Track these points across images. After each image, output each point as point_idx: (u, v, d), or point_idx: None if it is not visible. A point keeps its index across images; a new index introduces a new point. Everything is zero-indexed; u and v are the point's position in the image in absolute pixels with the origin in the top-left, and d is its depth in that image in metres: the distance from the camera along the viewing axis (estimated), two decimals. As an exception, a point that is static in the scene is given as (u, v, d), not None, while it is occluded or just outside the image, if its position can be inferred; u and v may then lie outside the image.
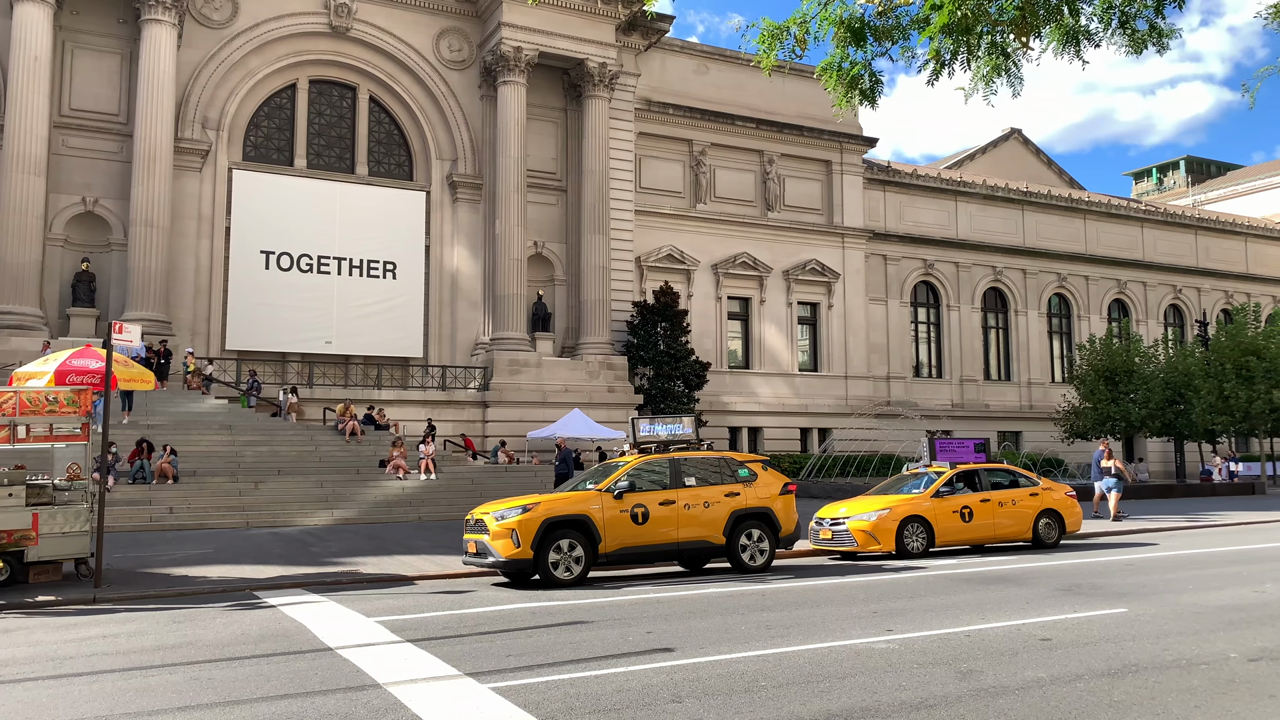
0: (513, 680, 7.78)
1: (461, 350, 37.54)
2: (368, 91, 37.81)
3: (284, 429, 29.94)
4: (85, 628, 10.80)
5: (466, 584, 14.39)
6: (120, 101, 33.46)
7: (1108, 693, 7.11)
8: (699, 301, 42.70)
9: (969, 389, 49.81)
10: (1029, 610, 10.97)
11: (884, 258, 48.69)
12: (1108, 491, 24.79)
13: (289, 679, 8.00)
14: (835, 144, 46.58)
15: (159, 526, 22.77)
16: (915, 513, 17.67)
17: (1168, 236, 58.45)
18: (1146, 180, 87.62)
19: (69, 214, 32.69)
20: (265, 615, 11.49)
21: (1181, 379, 43.45)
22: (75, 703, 7.35)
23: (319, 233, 35.94)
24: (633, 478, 14.99)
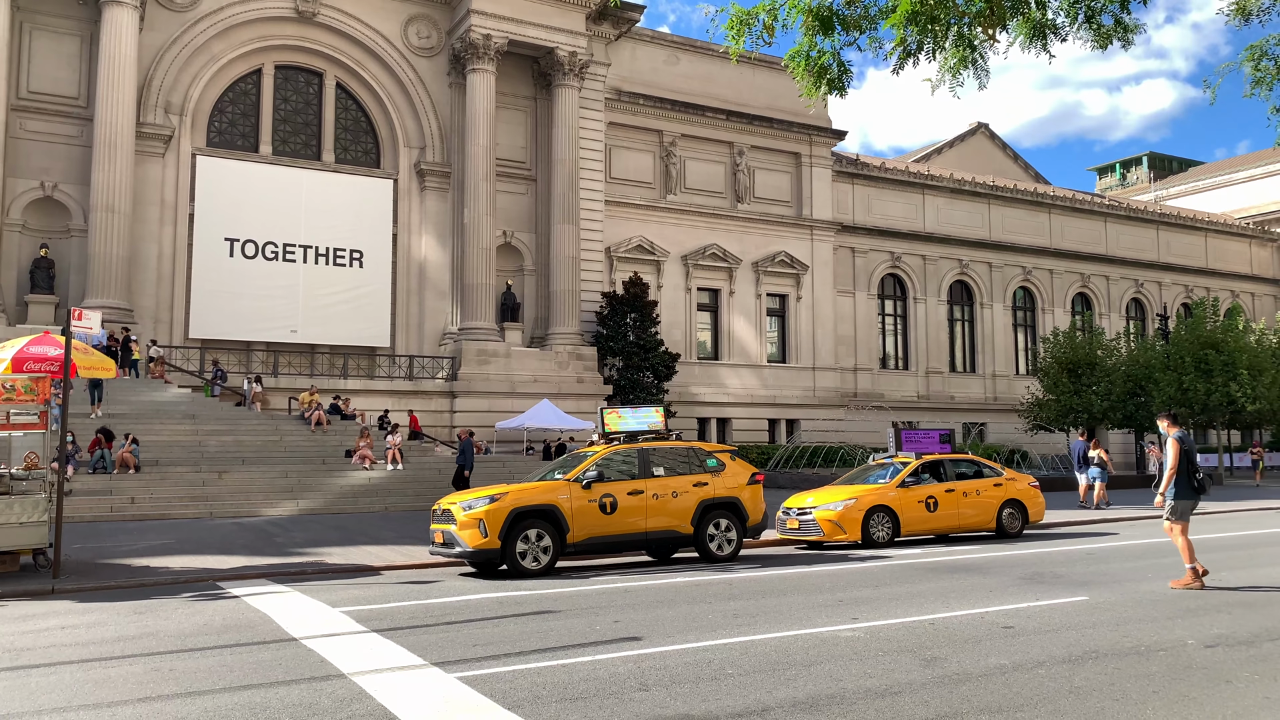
0: (479, 670, 7.74)
1: (429, 340, 37.29)
2: (334, 78, 37.38)
3: (248, 418, 29.61)
4: (43, 619, 10.62)
5: (433, 574, 14.31)
6: (80, 85, 32.83)
7: (1068, 679, 7.21)
8: (669, 293, 42.71)
9: (935, 381, 50.27)
10: (992, 598, 11.09)
11: (852, 250, 48.96)
12: (1094, 481, 25.61)
13: (252, 669, 7.92)
14: (805, 136, 46.73)
15: (120, 517, 22.45)
16: (881, 503, 17.81)
17: (1130, 231, 59.26)
18: (1110, 176, 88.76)
19: (27, 199, 32.06)
20: (229, 606, 11.36)
21: (1142, 372, 44.10)
22: (32, 694, 7.22)
23: (284, 220, 35.50)
24: (601, 468, 14.98)
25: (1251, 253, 64.45)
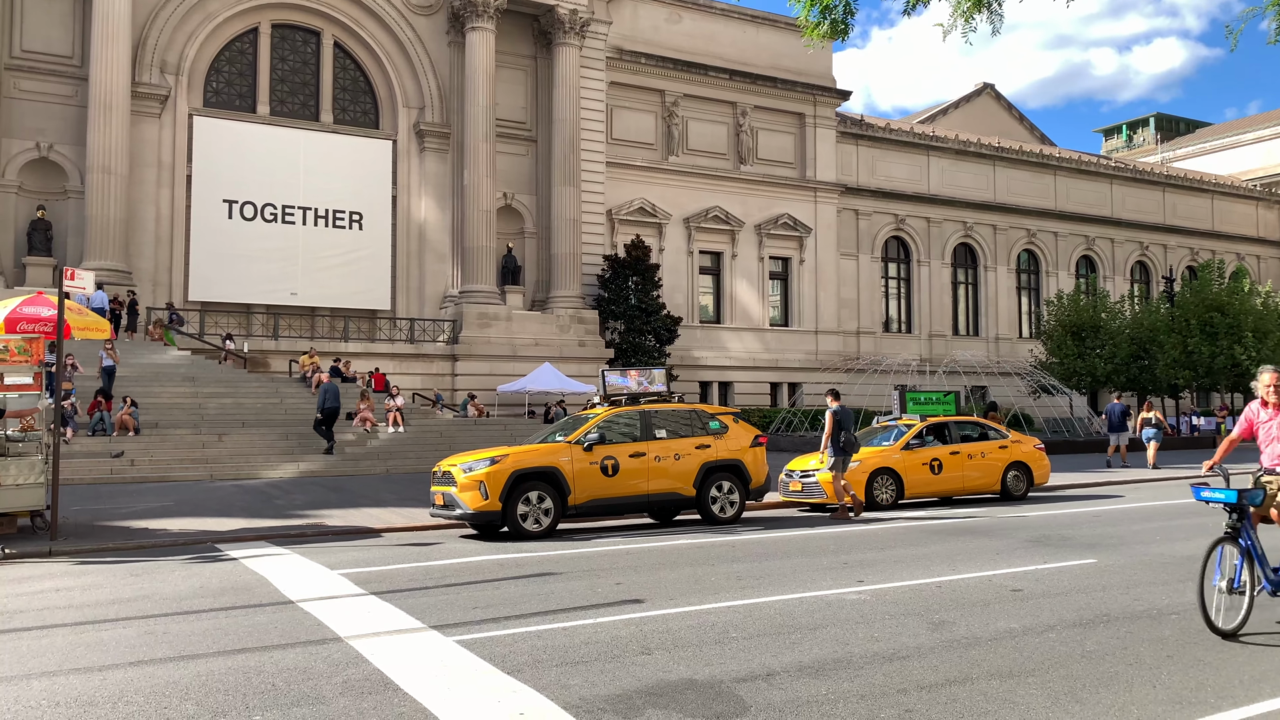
0: (478, 633, 7.61)
1: (430, 303, 37.04)
2: (332, 37, 36.81)
3: (248, 381, 29.47)
4: (38, 581, 10.51)
5: (434, 536, 14.20)
6: (74, 44, 32.33)
7: (1080, 643, 7.06)
8: (670, 255, 42.37)
9: (938, 344, 50.03)
10: (999, 561, 10.96)
11: (856, 212, 48.53)
12: (1147, 441, 26.96)
13: (247, 633, 7.79)
14: (809, 96, 46.11)
15: (119, 479, 22.36)
16: (885, 465, 17.67)
17: (1136, 193, 58.72)
18: (1116, 137, 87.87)
19: (22, 159, 31.69)
20: (226, 568, 11.25)
21: (1146, 335, 43.85)
22: (23, 657, 7.09)
23: (283, 182, 35.14)
24: (603, 430, 14.82)
25: (1258, 215, 63.91)
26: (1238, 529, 7.15)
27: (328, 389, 25.56)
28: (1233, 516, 7.17)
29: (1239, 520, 7.15)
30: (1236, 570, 7.17)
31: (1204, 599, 7.03)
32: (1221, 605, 7.12)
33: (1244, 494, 7.18)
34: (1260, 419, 7.76)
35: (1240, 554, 7.17)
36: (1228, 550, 7.21)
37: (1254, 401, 7.86)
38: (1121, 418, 27.76)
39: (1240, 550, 7.17)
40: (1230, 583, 7.15)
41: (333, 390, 25.63)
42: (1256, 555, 7.23)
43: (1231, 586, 7.14)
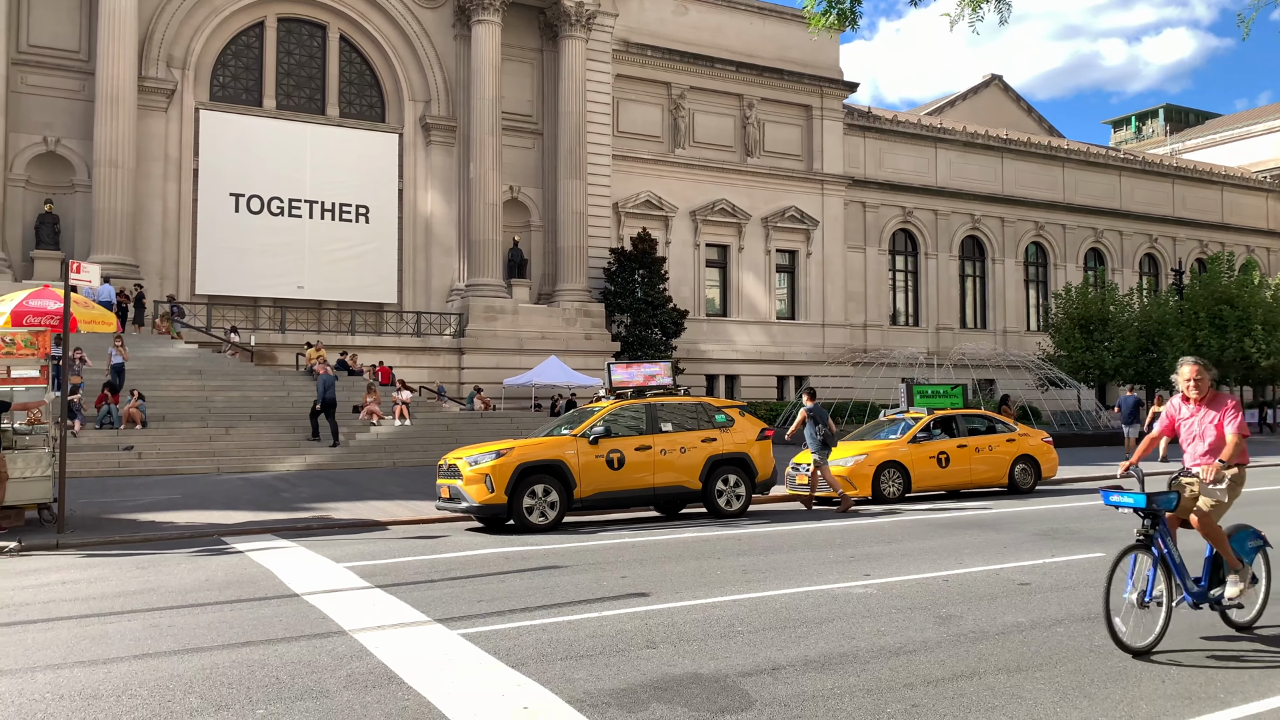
0: (483, 626, 7.59)
1: (436, 296, 37.04)
2: (338, 30, 36.77)
3: (255, 374, 29.50)
4: (45, 574, 10.52)
5: (440, 529, 14.20)
6: (81, 38, 32.35)
7: (1089, 637, 7.01)
8: (677, 249, 42.29)
9: (945, 337, 49.89)
10: (1007, 555, 10.90)
11: (863, 205, 48.37)
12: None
13: (252, 626, 7.78)
14: (816, 88, 45.95)
15: (126, 472, 22.41)
16: (892, 458, 17.62)
17: (1145, 185, 58.41)
18: (1125, 129, 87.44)
19: (30, 154, 31.74)
20: (232, 561, 11.25)
21: (1155, 328, 43.66)
22: (28, 650, 7.09)
23: (289, 175, 35.15)
24: (608, 423, 14.80)
25: (1269, 207, 63.53)
26: (1151, 536, 6.61)
27: (326, 380, 25.59)
28: (1146, 522, 6.64)
29: (1153, 526, 6.63)
30: (1149, 581, 6.58)
31: (1110, 613, 6.41)
32: (1131, 620, 6.52)
33: (1155, 498, 6.59)
34: (1181, 415, 7.16)
35: (1154, 563, 6.59)
36: (1140, 559, 6.64)
37: (1175, 397, 7.29)
38: (1134, 410, 27.83)
39: (1154, 559, 6.59)
40: (1141, 595, 6.55)
41: (331, 381, 25.67)
42: (1174, 565, 6.66)
43: (1143, 599, 6.54)
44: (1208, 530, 6.78)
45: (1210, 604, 6.89)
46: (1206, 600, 6.87)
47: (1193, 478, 6.89)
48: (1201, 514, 6.76)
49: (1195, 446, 7.02)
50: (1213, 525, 6.80)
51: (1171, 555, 6.64)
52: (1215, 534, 6.81)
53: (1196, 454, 6.99)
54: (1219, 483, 6.75)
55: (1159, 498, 6.60)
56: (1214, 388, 7.06)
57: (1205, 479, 6.73)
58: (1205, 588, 6.92)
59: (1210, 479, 6.70)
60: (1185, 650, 6.65)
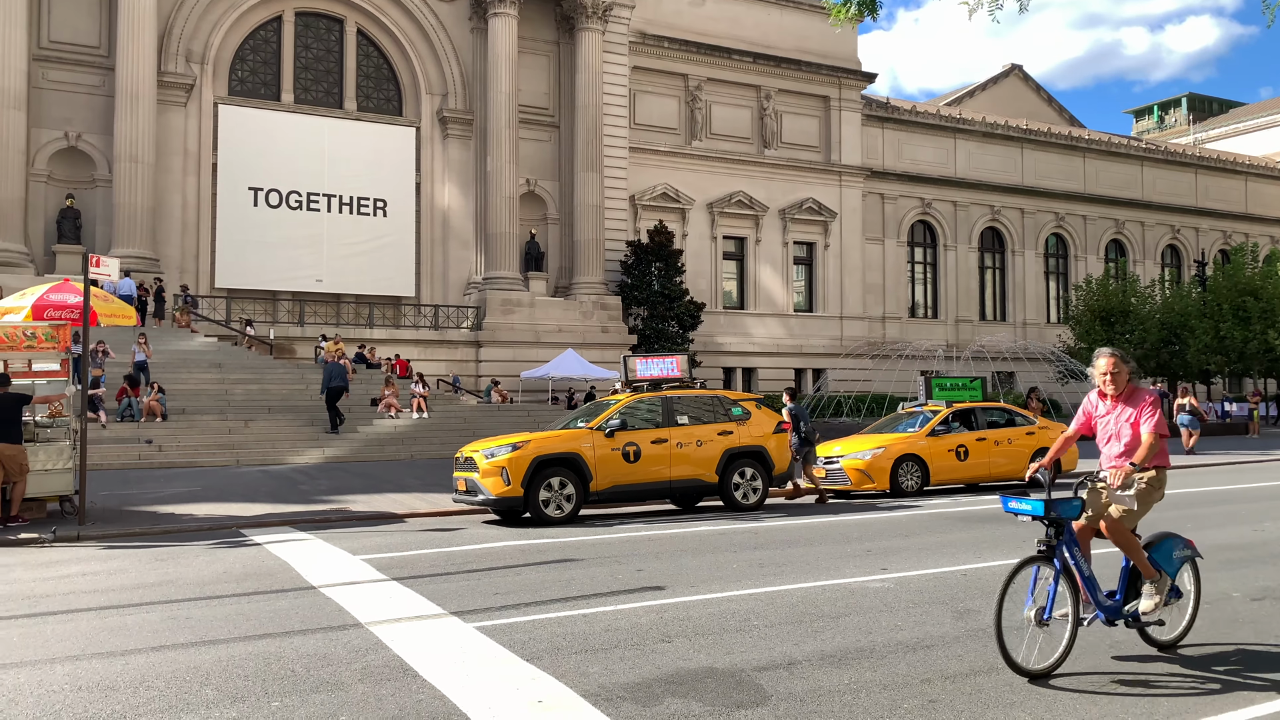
0: (498, 619, 7.59)
1: (454, 289, 37.14)
2: (355, 24, 36.86)
3: (274, 367, 29.67)
4: (65, 566, 10.61)
5: (457, 522, 14.22)
6: (101, 34, 32.58)
7: (1108, 634, 6.92)
8: (694, 241, 42.21)
9: (964, 329, 49.62)
10: (1027, 549, 10.71)
11: (881, 196, 48.12)
12: (1182, 427, 27.02)
13: (269, 618, 7.81)
14: (834, 79, 45.70)
15: (147, 464, 22.60)
16: (910, 451, 17.51)
17: (1167, 175, 57.84)
18: (1147, 118, 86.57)
19: (51, 149, 32.01)
20: (250, 553, 11.31)
21: (1178, 319, 43.29)
22: (47, 642, 7.14)
23: (308, 169, 35.30)
24: (624, 416, 14.77)
25: (1294, 197, 62.77)
26: (1054, 547, 5.94)
27: (332, 369, 25.71)
28: (1049, 531, 5.96)
29: (1056, 536, 5.95)
30: (1050, 597, 5.88)
31: (1001, 632, 5.69)
32: (1026, 639, 5.81)
33: (1054, 505, 5.91)
34: (1098, 413, 6.49)
35: (1056, 577, 5.91)
36: (1042, 572, 5.94)
37: (1091, 392, 6.58)
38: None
39: (1056, 572, 5.91)
40: (1041, 612, 5.83)
41: (338, 370, 25.77)
42: (1083, 577, 6.02)
43: (1042, 617, 5.83)
44: (1119, 539, 6.17)
45: (1125, 620, 6.23)
46: (1121, 616, 6.21)
47: (1102, 482, 6.21)
48: (1112, 521, 6.13)
49: (1111, 447, 6.36)
50: (1124, 534, 6.16)
51: (1079, 567, 6.01)
52: (1128, 543, 6.17)
53: (1112, 455, 6.33)
54: (1127, 488, 6.10)
55: (1060, 505, 5.93)
56: (1133, 381, 6.43)
57: (1112, 484, 6.08)
58: (1120, 602, 6.26)
59: (1118, 484, 6.04)
60: (1091, 673, 5.96)
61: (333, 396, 25.62)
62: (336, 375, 25.66)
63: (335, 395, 25.65)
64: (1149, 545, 6.29)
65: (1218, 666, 6.09)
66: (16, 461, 13.15)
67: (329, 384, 25.54)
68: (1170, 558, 6.32)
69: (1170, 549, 6.36)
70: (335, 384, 25.53)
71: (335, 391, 25.60)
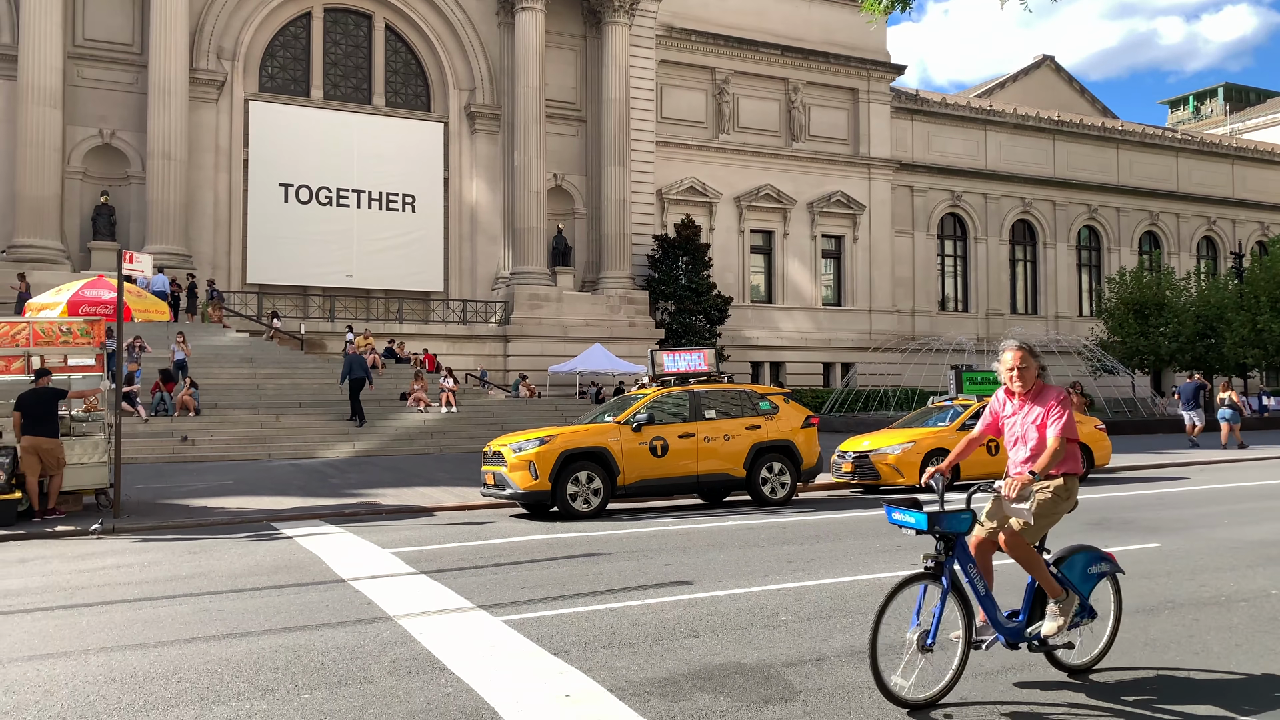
0: (526, 613, 7.60)
1: (482, 284, 37.27)
2: (383, 20, 37.03)
3: (305, 362, 29.91)
4: (100, 558, 10.76)
5: (485, 515, 14.28)
6: (134, 31, 32.95)
7: (1144, 630, 6.83)
8: (721, 235, 42.09)
9: (995, 322, 49.15)
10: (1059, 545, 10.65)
11: (911, 189, 47.74)
12: (1222, 421, 26.26)
13: (299, 611, 7.87)
14: (862, 71, 45.37)
15: (181, 458, 22.87)
16: (940, 446, 17.33)
17: (1203, 166, 56.93)
18: (1183, 109, 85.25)
19: (86, 146, 32.43)
20: (280, 546, 11.41)
21: (1213, 312, 42.62)
22: (82, 633, 7.25)
23: (337, 165, 35.54)
24: (652, 410, 14.75)
25: (1334, 188, 61.59)
26: (942, 563, 5.29)
27: (353, 359, 25.91)
28: (938, 545, 5.32)
29: (946, 550, 5.30)
30: (936, 619, 5.21)
31: (876, 657, 5.08)
32: (904, 664, 5.21)
33: (938, 518, 5.27)
34: (1005, 413, 5.85)
35: (943, 596, 5.26)
36: (929, 591, 5.30)
37: (1000, 389, 5.92)
38: (1194, 395, 27.19)
39: (944, 590, 5.26)
40: (924, 636, 5.18)
41: (359, 361, 26.00)
42: (979, 596, 5.44)
43: (925, 642, 5.17)
44: (1018, 554, 5.52)
45: (1029, 643, 5.58)
46: (1024, 639, 5.56)
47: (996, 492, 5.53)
48: (1011, 534, 5.49)
49: (1017, 451, 5.74)
50: (1024, 549, 5.50)
51: (974, 585, 5.42)
52: (1028, 559, 5.53)
53: (1018, 460, 5.70)
54: (1023, 500, 5.43)
55: (947, 518, 5.29)
56: (1041, 378, 5.74)
57: (1007, 495, 5.42)
58: (1023, 623, 5.61)
59: (1013, 495, 5.38)
60: (982, 703, 5.33)
61: (355, 388, 25.84)
62: (358, 366, 25.90)
63: (358, 386, 25.88)
64: (1059, 560, 5.69)
65: (1129, 695, 5.44)
66: (53, 455, 13.36)
67: (350, 374, 25.76)
68: (1083, 574, 5.72)
69: (1084, 564, 5.76)
70: (356, 374, 25.76)
71: (357, 382, 25.83)
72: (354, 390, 25.86)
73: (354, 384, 25.77)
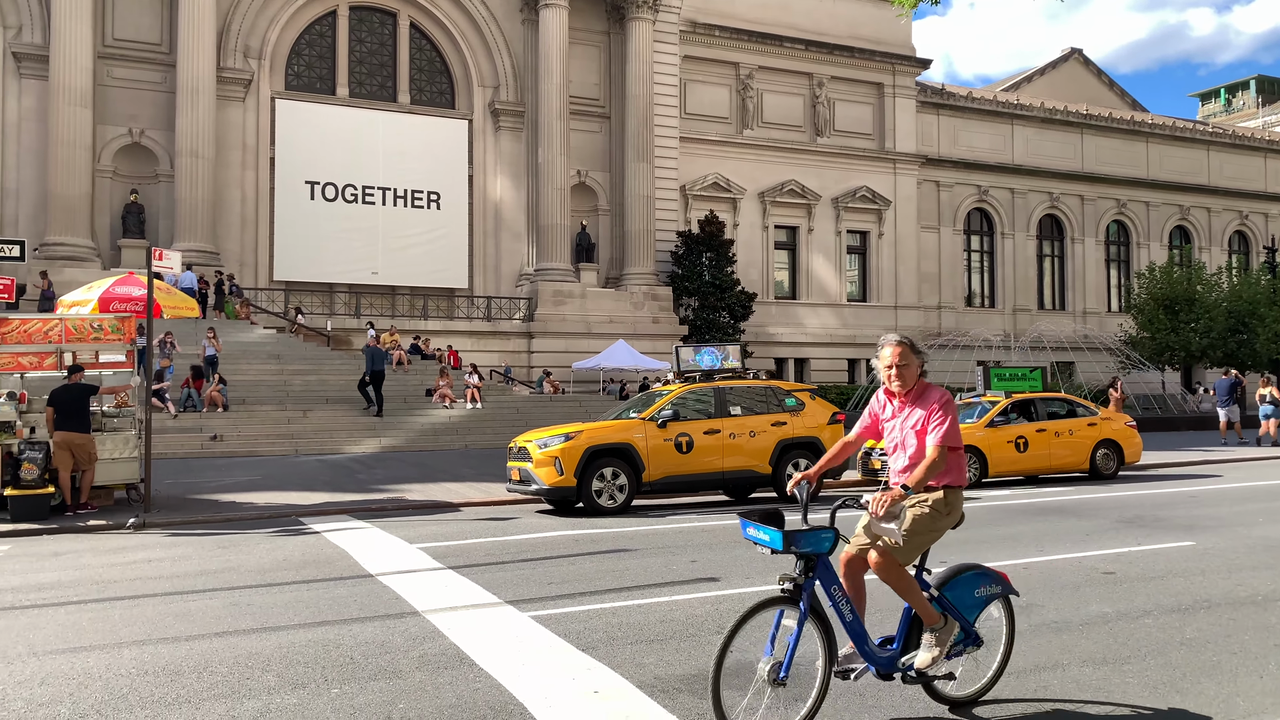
0: (553, 609, 7.59)
1: (506, 281, 37.36)
2: (408, 17, 37.15)
3: (331, 358, 30.09)
4: (131, 552, 10.86)
5: (511, 511, 14.30)
6: (163, 31, 33.23)
7: (1179, 630, 6.73)
8: (745, 231, 41.94)
9: (1022, 319, 48.69)
10: (1090, 543, 10.56)
11: (936, 184, 47.37)
12: (1263, 419, 25.78)
13: (328, 605, 7.91)
14: (887, 65, 45.04)
15: (209, 453, 23.08)
16: (968, 443, 17.16)
17: (1235, 160, 56.12)
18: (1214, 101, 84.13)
19: (116, 145, 32.75)
20: (308, 541, 11.48)
21: (1246, 307, 42.01)
22: (115, 626, 7.31)
23: (362, 163, 35.71)
24: (676, 406, 14.73)
25: (1369, 181, 60.56)
26: (800, 585, 4.68)
27: (374, 352, 26.22)
28: (798, 566, 4.74)
29: (806, 571, 4.71)
30: (791, 649, 4.56)
31: (718, 692, 4.50)
32: (748, 698, 4.66)
33: (794, 538, 4.66)
34: (884, 415, 5.27)
35: (800, 623, 4.63)
36: (786, 617, 4.66)
37: (880, 390, 5.32)
38: (1230, 391, 26.86)
39: (801, 617, 4.63)
40: (777, 668, 4.54)
41: (380, 354, 26.38)
42: (845, 623, 4.83)
43: (778, 675, 4.54)
44: (888, 576, 4.92)
45: (904, 674, 4.98)
46: (897, 669, 4.97)
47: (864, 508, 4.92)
48: (880, 554, 4.91)
49: (896, 459, 5.18)
50: (895, 571, 4.91)
51: (839, 610, 4.83)
52: (899, 583, 4.93)
53: (897, 469, 5.15)
54: (891, 518, 4.85)
55: (805, 537, 4.69)
56: (924, 376, 5.18)
57: (874, 512, 4.83)
58: (898, 651, 5.01)
59: (880, 513, 4.81)
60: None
61: (377, 380, 26.07)
62: (377, 359, 26.14)
63: (380, 378, 26.13)
64: (942, 582, 5.09)
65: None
66: (85, 450, 13.51)
67: (373, 367, 26.04)
68: (969, 597, 5.14)
69: (970, 586, 5.16)
70: (378, 367, 26.02)
71: (379, 375, 26.07)
72: (375, 382, 26.10)
73: (377, 376, 26.04)
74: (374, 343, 27.96)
